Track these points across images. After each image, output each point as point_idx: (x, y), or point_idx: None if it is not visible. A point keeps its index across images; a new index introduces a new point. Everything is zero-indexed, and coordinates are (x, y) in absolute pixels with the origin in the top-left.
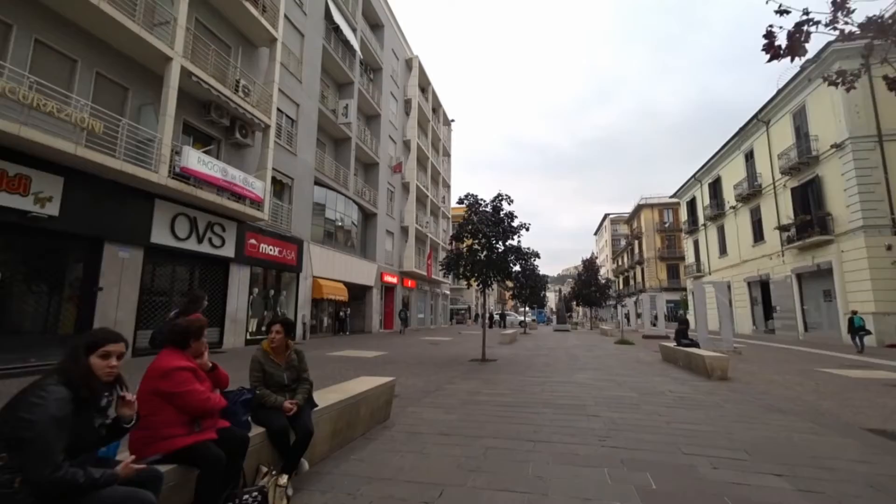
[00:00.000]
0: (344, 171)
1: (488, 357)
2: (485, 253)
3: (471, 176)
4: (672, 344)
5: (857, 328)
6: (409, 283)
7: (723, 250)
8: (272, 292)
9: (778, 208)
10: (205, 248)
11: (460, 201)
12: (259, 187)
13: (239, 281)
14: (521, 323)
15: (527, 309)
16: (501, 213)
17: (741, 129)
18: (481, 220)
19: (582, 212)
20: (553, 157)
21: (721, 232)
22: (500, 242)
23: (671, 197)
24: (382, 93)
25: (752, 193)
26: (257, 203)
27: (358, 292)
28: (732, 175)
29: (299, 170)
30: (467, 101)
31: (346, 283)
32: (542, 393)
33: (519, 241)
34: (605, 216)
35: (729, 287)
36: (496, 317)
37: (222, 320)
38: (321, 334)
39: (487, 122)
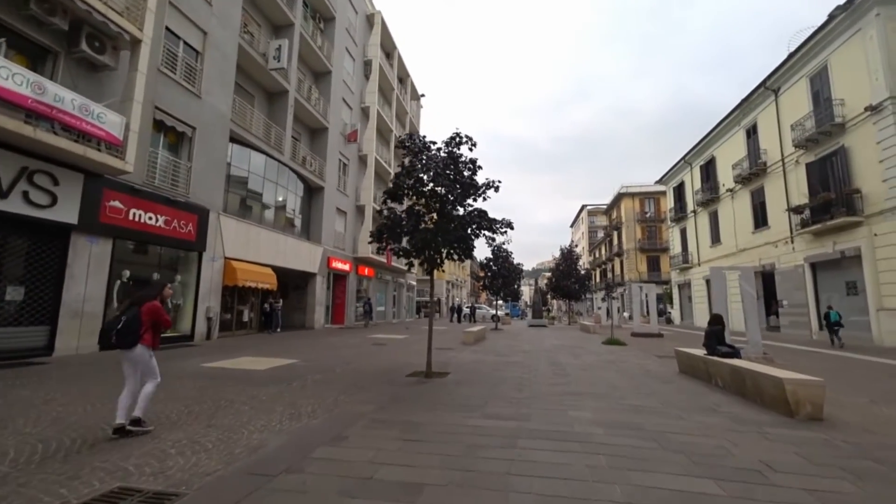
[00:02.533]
0: (278, 130)
1: (437, 370)
2: (434, 218)
3: None
4: (694, 351)
5: (833, 323)
6: (366, 270)
7: (715, 238)
8: (155, 276)
9: (787, 188)
10: (15, 206)
11: (400, 144)
12: (115, 124)
13: (90, 259)
14: (493, 317)
15: (500, 302)
16: (461, 161)
17: (742, 101)
18: (429, 168)
19: (558, 207)
20: (530, 153)
21: (714, 218)
22: (458, 204)
23: (657, 182)
24: (335, 47)
25: (754, 173)
26: (116, 147)
27: (297, 280)
28: (730, 154)
29: (205, 118)
30: (443, 93)
31: (277, 269)
32: (507, 477)
33: (484, 200)
34: (583, 207)
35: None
36: (465, 310)
37: (54, 316)
38: (239, 332)
39: (463, 114)
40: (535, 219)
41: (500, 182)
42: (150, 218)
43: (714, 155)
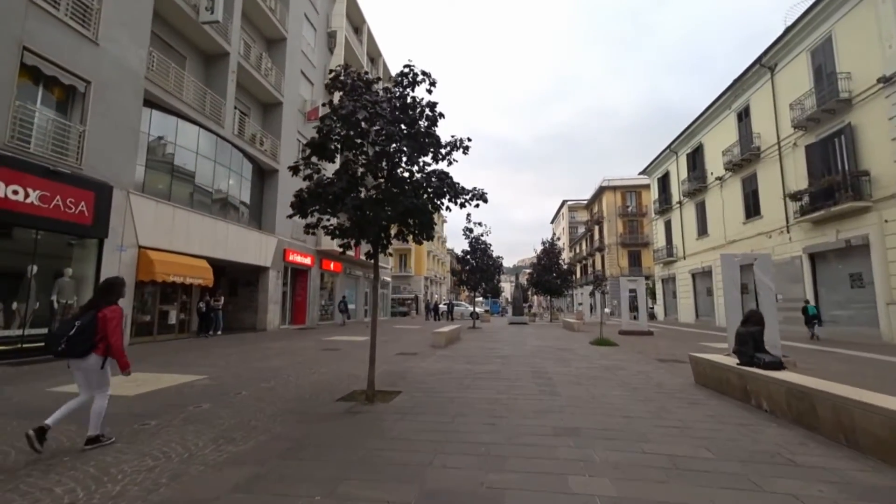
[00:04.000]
0: (215, 99)
1: (386, 386)
2: (380, 180)
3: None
4: (719, 359)
5: (811, 317)
6: (332, 265)
7: (702, 230)
8: (33, 269)
9: (783, 174)
10: None
11: (332, 83)
12: None
13: None
14: (471, 314)
15: (480, 298)
16: (416, 107)
17: (734, 82)
18: (365, 106)
19: (538, 205)
20: (511, 152)
21: (701, 209)
22: (412, 162)
23: (640, 173)
24: (290, 12)
25: (746, 159)
26: None
27: (247, 275)
28: (719, 141)
29: (106, 71)
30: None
31: (216, 261)
32: None
33: (450, 163)
34: (563, 202)
35: (710, 274)
36: (442, 307)
37: None
38: (164, 336)
39: (446, 111)
40: (515, 217)
41: (469, 141)
42: (16, 193)
43: (702, 142)
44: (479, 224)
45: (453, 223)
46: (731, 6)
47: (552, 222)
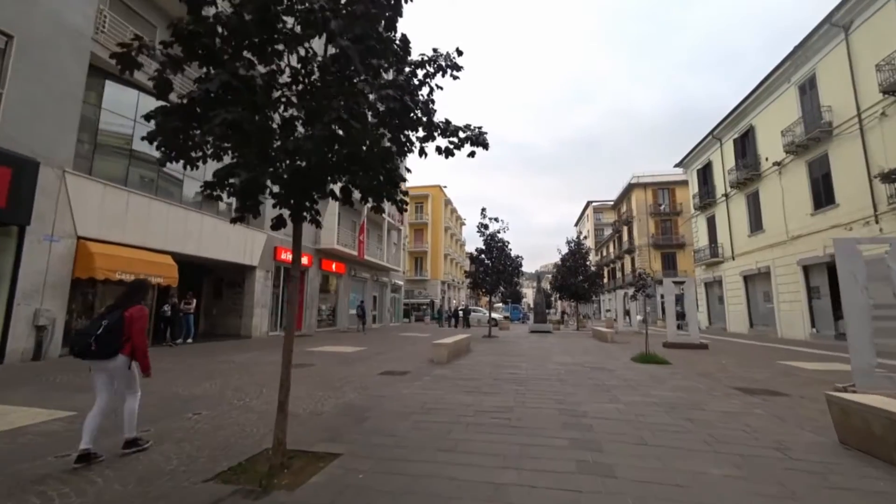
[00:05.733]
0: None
1: (321, 441)
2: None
3: (450, 172)
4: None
5: None
6: (333, 266)
7: (756, 226)
8: None
9: (867, 151)
10: None
11: None
12: None
13: None
14: (489, 321)
15: (500, 304)
16: None
17: (794, 50)
18: None
19: (560, 210)
20: (532, 156)
21: (754, 201)
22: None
23: (676, 165)
24: None
25: (813, 138)
26: None
27: (233, 275)
28: (775, 120)
29: (39, 27)
30: (444, 93)
31: (186, 258)
32: None
33: (429, 91)
34: (588, 204)
35: (769, 274)
36: (460, 314)
37: None
38: None
39: (466, 114)
40: (536, 221)
41: (459, 56)
42: None
43: (752, 124)
44: (496, 219)
45: (472, 224)
46: (760, 3)
47: (576, 225)
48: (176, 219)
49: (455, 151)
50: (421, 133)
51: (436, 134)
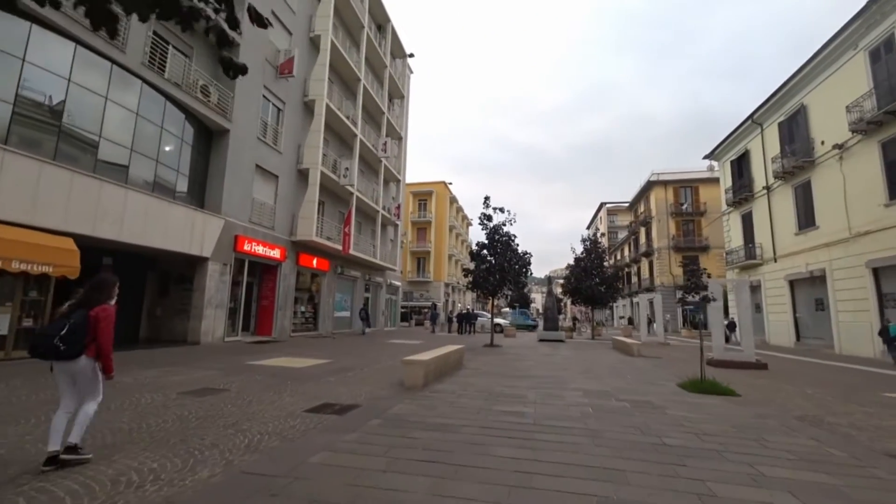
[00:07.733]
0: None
1: None
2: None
3: (459, 175)
4: None
5: (892, 338)
6: (314, 261)
7: (807, 222)
8: None
9: None
10: None
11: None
12: None
13: None
14: (492, 327)
15: (507, 309)
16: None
17: (864, 9)
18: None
19: (570, 215)
20: (542, 161)
21: (804, 193)
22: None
23: (705, 157)
24: None
25: (891, 111)
26: None
27: (181, 269)
28: (835, 96)
29: None
30: (454, 100)
31: (103, 242)
32: None
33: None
34: (601, 205)
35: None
36: (454, 319)
37: None
38: None
39: (475, 120)
40: (546, 226)
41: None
42: None
43: (804, 103)
44: (501, 210)
45: (479, 225)
46: (777, 9)
47: (588, 227)
48: (83, 191)
49: None
50: None
51: None
